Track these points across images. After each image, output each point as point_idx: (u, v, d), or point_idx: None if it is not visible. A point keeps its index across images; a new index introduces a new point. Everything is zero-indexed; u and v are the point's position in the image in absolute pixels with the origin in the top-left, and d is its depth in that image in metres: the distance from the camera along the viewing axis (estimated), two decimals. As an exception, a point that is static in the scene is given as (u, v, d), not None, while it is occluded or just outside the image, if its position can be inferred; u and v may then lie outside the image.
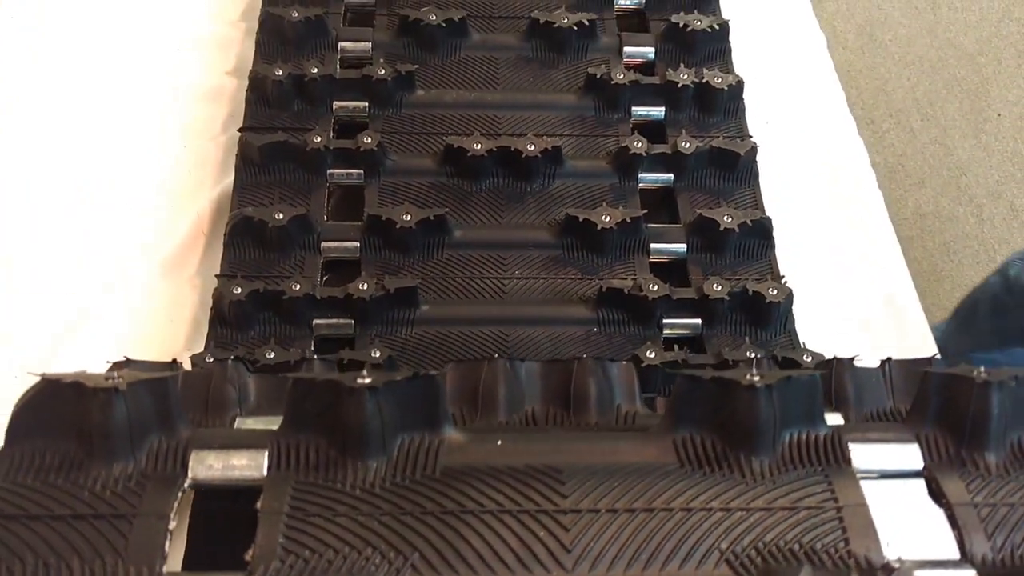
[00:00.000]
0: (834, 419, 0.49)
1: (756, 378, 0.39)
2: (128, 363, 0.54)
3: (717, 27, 0.85)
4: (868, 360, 0.74)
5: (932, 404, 0.43)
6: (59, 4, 0.94)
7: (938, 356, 0.57)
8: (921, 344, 0.78)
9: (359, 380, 0.38)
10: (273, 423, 0.43)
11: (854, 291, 0.81)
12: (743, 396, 0.39)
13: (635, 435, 0.42)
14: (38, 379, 0.41)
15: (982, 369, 0.42)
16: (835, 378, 0.55)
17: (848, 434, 0.42)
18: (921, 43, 2.04)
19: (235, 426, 0.47)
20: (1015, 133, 1.90)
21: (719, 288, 0.70)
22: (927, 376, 0.44)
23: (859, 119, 1.91)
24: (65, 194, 0.82)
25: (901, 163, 1.86)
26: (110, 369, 0.48)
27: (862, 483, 0.40)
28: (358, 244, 0.74)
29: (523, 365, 0.51)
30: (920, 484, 0.42)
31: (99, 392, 0.37)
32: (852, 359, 0.58)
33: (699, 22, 0.85)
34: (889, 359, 0.58)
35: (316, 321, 0.69)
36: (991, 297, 1.29)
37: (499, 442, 0.40)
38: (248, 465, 0.39)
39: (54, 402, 0.39)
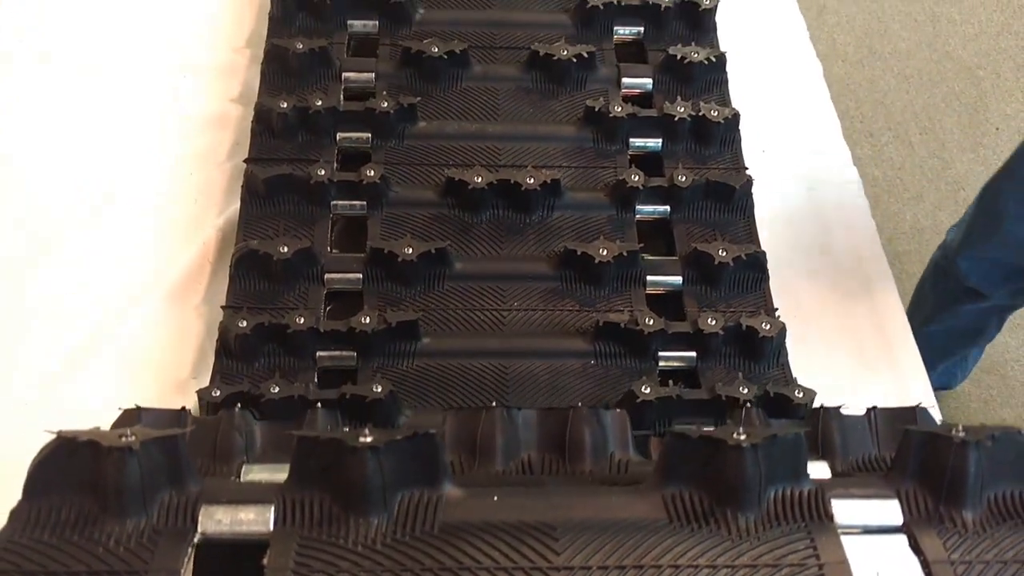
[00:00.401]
0: (820, 468, 0.51)
1: (743, 437, 0.41)
2: (139, 411, 0.55)
3: (714, 59, 0.87)
4: (860, 388, 0.76)
5: (912, 461, 0.45)
6: (66, 31, 0.96)
7: (922, 404, 0.59)
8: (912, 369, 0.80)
9: (361, 439, 0.40)
10: (279, 471, 0.44)
11: (849, 321, 0.83)
12: (730, 455, 0.41)
13: (626, 491, 0.43)
14: (54, 436, 0.42)
15: (960, 427, 0.43)
16: (822, 427, 0.57)
17: (831, 490, 0.43)
18: (920, 56, 2.05)
19: (242, 474, 0.49)
20: (1013, 147, 1.91)
21: (713, 323, 0.72)
22: (908, 434, 0.45)
23: (858, 132, 1.94)
24: (72, 220, 0.84)
25: (899, 176, 1.87)
26: (121, 417, 0.50)
27: (844, 539, 0.42)
28: (361, 276, 0.75)
29: (520, 413, 0.52)
30: (901, 539, 0.43)
31: (113, 451, 0.39)
32: (838, 408, 0.60)
33: (696, 54, 0.87)
34: (875, 408, 0.59)
35: (319, 353, 0.71)
36: (933, 267, 1.35)
37: (495, 498, 0.42)
38: (256, 520, 0.40)
39: (70, 460, 0.41)
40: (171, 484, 0.41)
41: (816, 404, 0.68)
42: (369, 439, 0.40)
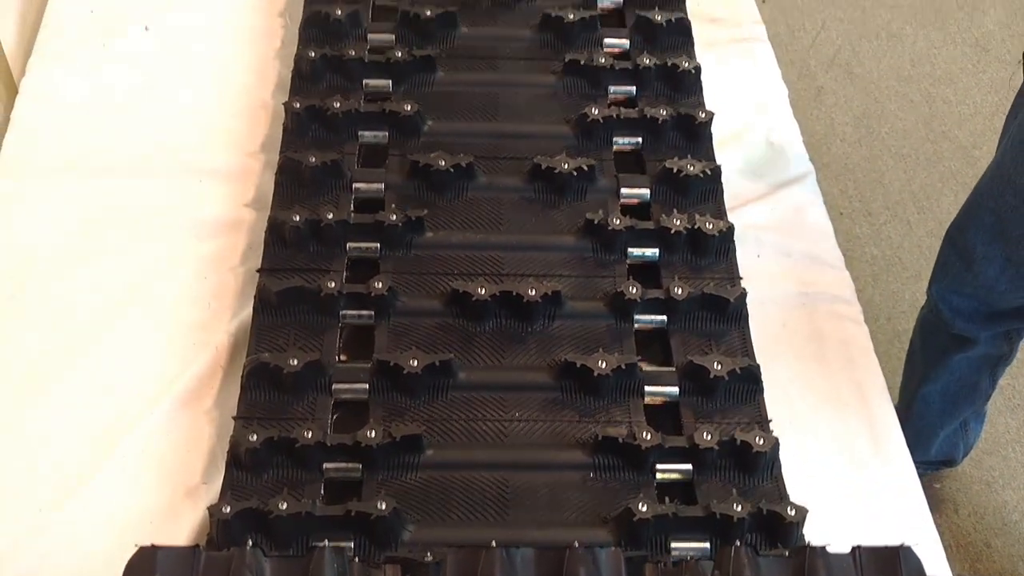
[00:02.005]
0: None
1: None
2: (154, 550, 0.57)
3: (709, 171, 0.90)
4: (853, 494, 0.78)
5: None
6: (85, 136, 1.00)
7: (907, 544, 0.61)
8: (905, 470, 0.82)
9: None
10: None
11: (842, 427, 0.85)
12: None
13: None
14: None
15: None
16: (808, 566, 0.59)
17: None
18: (917, 136, 2.09)
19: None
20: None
21: (709, 437, 0.74)
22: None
23: (856, 211, 1.97)
24: (90, 324, 0.87)
25: (898, 255, 1.90)
26: (136, 556, 0.52)
27: None
28: (367, 386, 0.78)
29: (518, 553, 0.55)
30: None
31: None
32: (824, 547, 0.62)
33: (692, 167, 0.90)
34: (859, 547, 0.61)
35: (326, 465, 0.73)
36: (920, 323, 1.38)
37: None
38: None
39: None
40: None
41: (808, 518, 0.70)
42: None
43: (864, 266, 1.89)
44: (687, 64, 0.97)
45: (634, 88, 0.98)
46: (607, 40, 1.01)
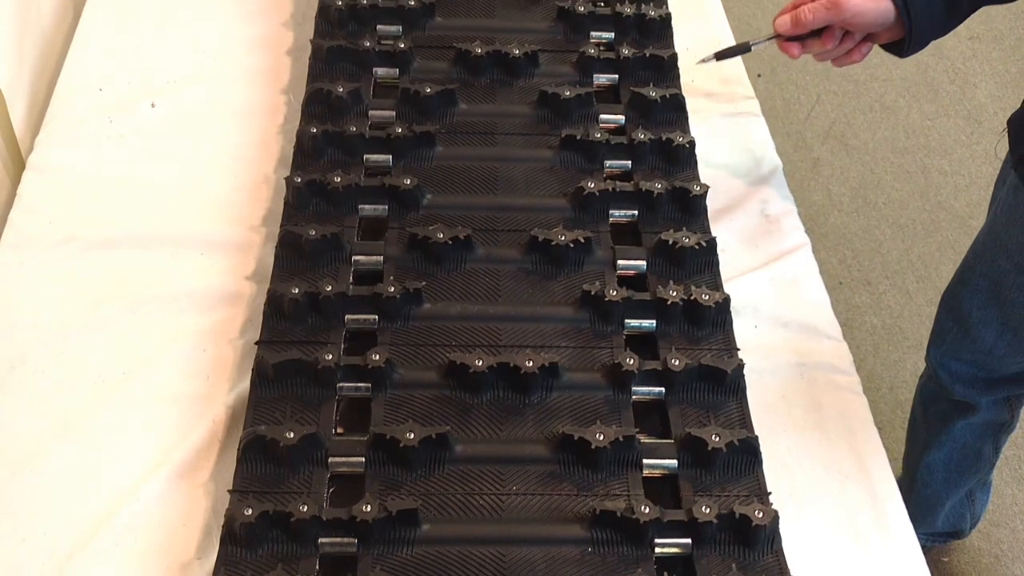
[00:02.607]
0: None
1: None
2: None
3: (705, 243, 0.91)
4: (855, 568, 0.76)
5: None
6: (88, 212, 1.01)
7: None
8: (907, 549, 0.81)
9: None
10: None
11: (842, 499, 0.84)
12: None
13: None
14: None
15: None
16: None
17: None
18: (913, 206, 2.11)
19: None
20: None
21: (707, 511, 0.73)
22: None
23: (855, 280, 1.98)
24: (85, 396, 0.87)
25: (898, 324, 1.90)
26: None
27: None
28: (364, 459, 0.77)
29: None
30: None
31: None
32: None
33: (687, 239, 0.91)
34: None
35: (321, 540, 0.73)
36: (920, 391, 1.37)
37: None
38: None
39: None
40: None
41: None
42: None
43: (865, 335, 1.89)
44: (681, 139, 0.99)
45: (630, 162, 1.00)
46: (603, 116, 1.04)
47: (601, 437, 0.77)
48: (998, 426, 1.33)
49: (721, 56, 1.04)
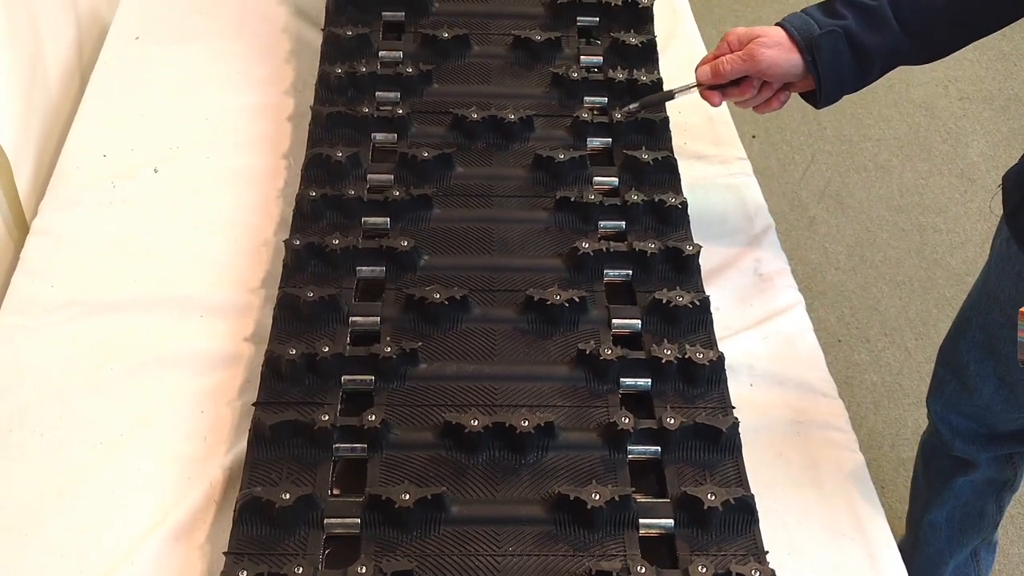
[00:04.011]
0: None
1: None
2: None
3: (698, 302, 0.92)
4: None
5: None
6: (90, 276, 1.03)
7: None
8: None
9: None
10: None
11: (841, 559, 0.83)
12: None
13: None
14: None
15: None
16: None
17: None
18: (910, 264, 2.13)
19: None
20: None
21: (704, 571, 0.73)
22: None
23: (854, 337, 1.99)
24: (84, 458, 0.87)
25: (898, 382, 1.90)
26: None
27: None
28: (359, 521, 0.77)
29: None
30: None
31: None
32: None
33: (681, 298, 0.92)
34: None
35: (316, 604, 0.72)
36: (921, 447, 1.36)
37: None
38: None
39: None
40: None
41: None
42: None
43: (865, 393, 1.89)
44: (674, 199, 1.01)
45: (623, 223, 1.01)
46: (597, 178, 1.06)
47: (597, 497, 0.77)
48: (1000, 484, 1.32)
49: (645, 104, 1.08)
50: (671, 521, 0.79)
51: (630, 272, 0.97)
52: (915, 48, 0.97)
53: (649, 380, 0.88)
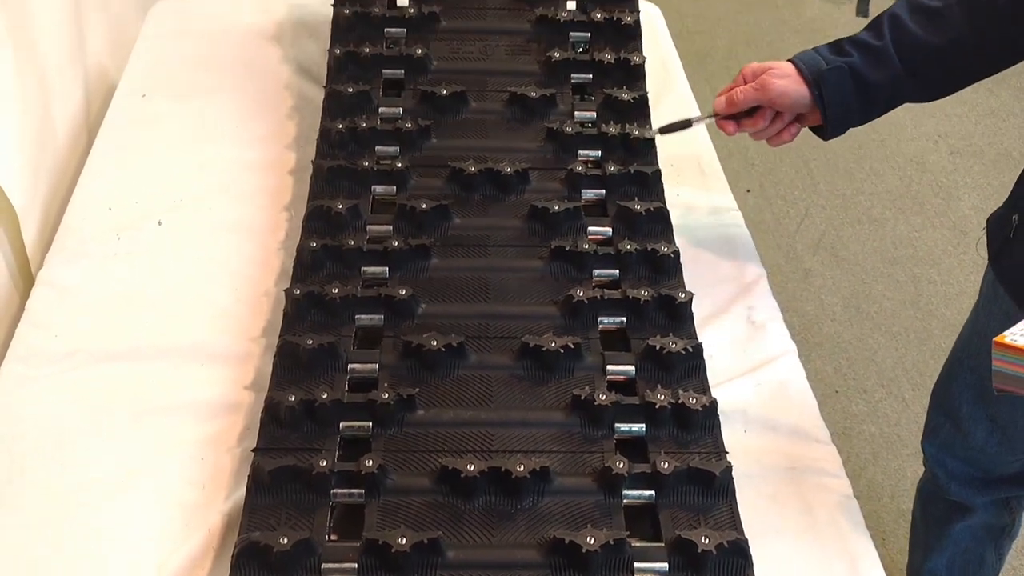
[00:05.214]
0: None
1: None
2: None
3: (691, 348, 0.94)
4: None
5: None
6: (93, 327, 1.05)
7: None
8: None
9: None
10: None
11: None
12: None
13: None
14: None
15: None
16: None
17: None
18: (905, 315, 2.15)
19: None
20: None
21: (699, 614, 0.73)
22: None
23: (851, 389, 1.99)
24: (83, 506, 0.88)
25: (896, 433, 1.90)
26: None
27: None
28: (356, 565, 0.78)
29: None
30: None
31: None
32: None
33: (674, 344, 0.94)
34: None
35: (313, 648, 0.72)
36: (918, 492, 1.36)
37: None
38: None
39: None
40: None
41: None
42: None
43: (863, 444, 1.89)
44: (666, 249, 1.03)
45: (617, 272, 1.03)
46: (591, 228, 1.08)
47: (592, 541, 0.78)
48: (999, 530, 1.32)
49: (664, 131, 1.14)
50: (666, 565, 0.79)
51: (624, 319, 0.99)
52: (916, 86, 1.03)
53: (643, 425, 0.90)
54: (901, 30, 1.00)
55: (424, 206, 1.06)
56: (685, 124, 1.13)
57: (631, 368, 0.95)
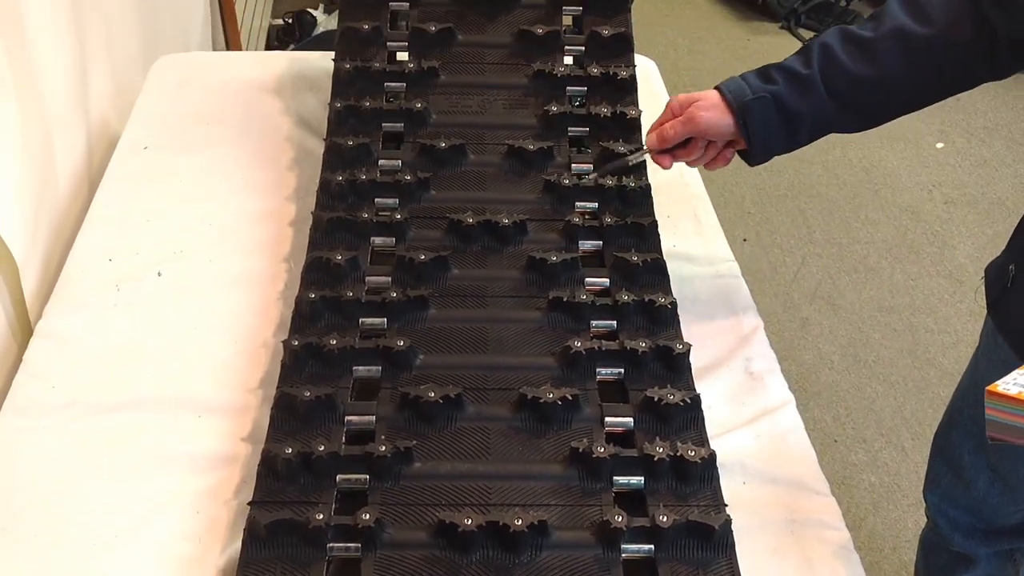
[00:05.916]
0: None
1: None
2: None
3: (689, 400, 0.94)
4: None
5: None
6: (90, 379, 1.04)
7: None
8: None
9: None
10: None
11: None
12: None
13: None
14: None
15: None
16: None
17: None
18: (903, 364, 2.15)
19: None
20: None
21: (699, 671, 0.72)
22: None
23: (851, 438, 1.99)
24: (77, 560, 0.87)
25: (896, 483, 1.89)
26: None
27: None
28: (352, 622, 0.77)
29: None
30: None
31: None
32: None
33: (672, 395, 0.94)
34: None
35: None
36: (920, 542, 1.34)
37: None
38: None
39: None
40: None
41: None
42: None
43: (863, 493, 1.88)
44: (663, 300, 1.03)
45: (615, 322, 1.04)
46: (588, 279, 1.09)
47: (590, 596, 0.77)
48: None
49: (602, 173, 1.17)
50: (666, 621, 0.79)
51: (622, 370, 0.99)
52: (845, 116, 1.02)
53: (642, 478, 0.89)
54: (831, 60, 0.99)
55: (423, 257, 1.07)
56: (623, 163, 1.16)
57: (629, 420, 0.95)
